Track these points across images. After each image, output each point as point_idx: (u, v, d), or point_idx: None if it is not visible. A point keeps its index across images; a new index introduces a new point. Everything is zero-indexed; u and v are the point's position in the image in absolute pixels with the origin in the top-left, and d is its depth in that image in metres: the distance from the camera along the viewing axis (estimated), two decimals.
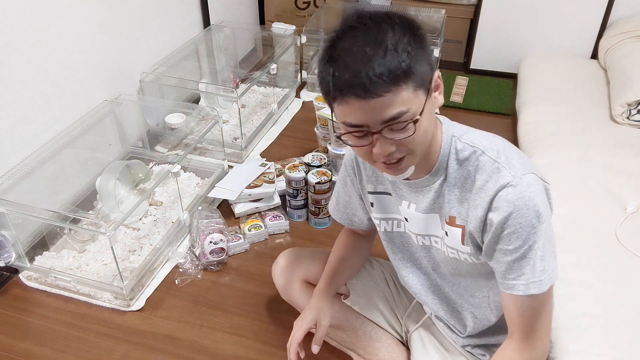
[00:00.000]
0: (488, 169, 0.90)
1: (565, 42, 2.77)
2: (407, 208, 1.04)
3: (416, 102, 0.82)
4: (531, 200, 0.86)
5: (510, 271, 0.91)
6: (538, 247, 0.88)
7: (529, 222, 0.87)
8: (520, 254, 0.89)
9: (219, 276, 1.66)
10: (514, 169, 0.88)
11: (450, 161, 0.95)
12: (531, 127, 2.13)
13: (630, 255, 1.45)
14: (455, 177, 0.95)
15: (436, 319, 1.20)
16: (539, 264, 0.88)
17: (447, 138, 0.95)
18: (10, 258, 1.56)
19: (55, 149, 1.72)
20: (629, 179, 1.74)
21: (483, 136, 0.95)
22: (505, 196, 0.87)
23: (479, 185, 0.91)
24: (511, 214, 0.87)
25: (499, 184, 0.88)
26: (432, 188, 0.98)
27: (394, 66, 0.78)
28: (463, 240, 0.97)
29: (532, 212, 0.86)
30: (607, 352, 1.19)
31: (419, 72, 0.81)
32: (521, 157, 0.92)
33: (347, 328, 1.28)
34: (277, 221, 1.82)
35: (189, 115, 2.09)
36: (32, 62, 1.63)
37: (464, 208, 0.95)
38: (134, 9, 2.07)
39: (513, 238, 0.88)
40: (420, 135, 0.86)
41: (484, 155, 0.91)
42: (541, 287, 0.89)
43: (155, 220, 1.82)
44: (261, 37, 3.11)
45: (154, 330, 1.48)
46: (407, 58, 0.79)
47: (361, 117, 0.82)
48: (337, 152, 1.91)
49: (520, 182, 0.87)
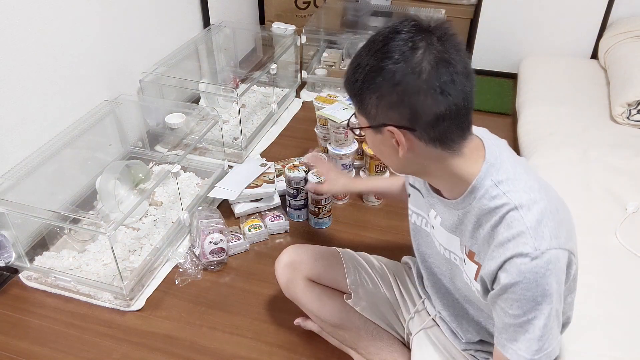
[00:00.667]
0: (514, 229, 0.85)
1: (565, 42, 2.77)
2: (434, 219, 1.04)
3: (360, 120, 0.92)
4: (544, 278, 0.83)
5: (505, 331, 0.90)
6: (538, 324, 0.85)
7: (533, 297, 0.84)
8: (518, 323, 0.87)
9: (219, 276, 1.66)
10: (539, 240, 0.83)
11: (480, 201, 0.90)
12: (531, 127, 2.13)
13: (630, 255, 1.45)
14: (482, 219, 0.90)
15: (440, 320, 1.20)
16: (536, 344, 0.86)
17: (483, 177, 0.89)
18: (10, 258, 1.56)
19: (55, 149, 1.72)
20: (629, 179, 1.74)
21: (526, 188, 0.88)
22: (518, 264, 0.83)
23: (500, 241, 0.86)
24: (518, 283, 0.84)
25: (518, 250, 0.83)
26: (457, 213, 0.95)
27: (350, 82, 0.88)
28: (476, 277, 0.95)
29: (541, 290, 0.83)
30: (607, 352, 1.19)
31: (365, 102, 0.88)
32: (556, 227, 0.86)
33: (349, 327, 1.28)
34: (277, 221, 1.82)
35: (189, 115, 2.09)
36: (32, 62, 1.63)
37: (484, 252, 0.91)
38: (134, 9, 2.07)
39: (515, 306, 0.86)
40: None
41: (516, 212, 0.85)
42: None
43: (155, 220, 1.82)
44: (261, 37, 3.11)
45: (154, 330, 1.48)
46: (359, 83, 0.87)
47: None
48: (337, 152, 1.91)
49: (540, 256, 0.82)
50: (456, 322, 1.15)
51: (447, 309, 1.16)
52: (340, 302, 1.27)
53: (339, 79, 2.71)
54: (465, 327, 1.13)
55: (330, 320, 1.28)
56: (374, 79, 0.84)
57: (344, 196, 1.96)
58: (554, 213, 0.87)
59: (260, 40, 3.12)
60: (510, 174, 0.90)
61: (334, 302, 1.28)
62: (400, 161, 0.92)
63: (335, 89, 2.70)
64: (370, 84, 0.85)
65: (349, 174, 1.96)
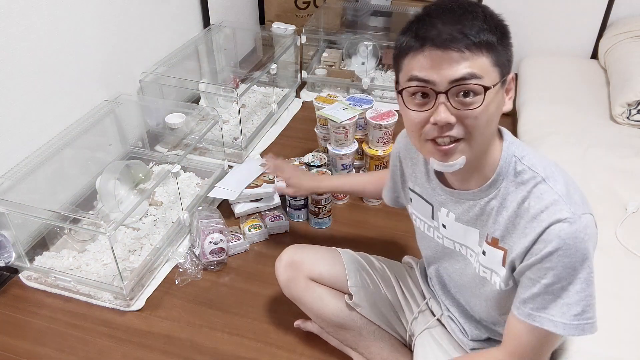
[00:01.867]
0: (546, 199, 0.84)
1: (565, 42, 2.77)
2: (447, 216, 1.01)
3: (491, 76, 0.81)
4: (583, 242, 0.82)
5: (532, 301, 0.87)
6: (574, 289, 0.83)
7: (571, 264, 0.82)
8: (550, 290, 0.85)
9: (219, 276, 1.66)
10: (574, 206, 0.83)
11: (506, 181, 0.89)
12: (531, 127, 2.13)
13: (630, 255, 1.45)
14: (507, 199, 0.90)
15: (448, 319, 1.19)
16: (573, 308, 0.84)
17: (508, 156, 0.90)
18: (10, 258, 1.56)
19: (55, 149, 1.72)
20: (629, 179, 1.74)
21: (545, 162, 0.90)
22: (557, 231, 0.82)
23: (533, 214, 0.85)
24: (557, 251, 0.82)
25: (555, 217, 0.82)
26: (478, 204, 0.93)
27: (481, 32, 0.79)
28: (504, 263, 0.93)
29: (580, 255, 0.82)
30: (607, 352, 1.19)
31: (501, 53, 0.81)
32: (582, 194, 0.87)
33: (350, 327, 1.28)
34: (277, 221, 1.82)
35: (189, 115, 2.09)
36: (32, 62, 1.63)
37: (511, 233, 0.89)
38: (134, 8, 2.07)
39: (550, 274, 0.84)
40: (484, 117, 0.81)
41: (544, 184, 0.86)
42: (569, 331, 0.85)
43: (155, 220, 1.82)
44: (261, 37, 3.11)
45: (153, 330, 1.48)
46: (494, 34, 0.80)
47: (431, 71, 0.80)
48: (337, 152, 1.91)
49: (578, 220, 0.82)
50: (464, 319, 1.14)
51: (456, 307, 1.16)
52: (342, 302, 1.27)
53: (339, 79, 2.71)
54: (474, 325, 1.13)
55: (331, 320, 1.28)
56: (507, 34, 0.83)
57: (344, 196, 1.96)
58: (574, 182, 0.89)
59: (260, 40, 3.12)
60: (527, 149, 0.91)
61: (335, 302, 1.27)
62: (496, 125, 0.88)
63: (335, 89, 2.70)
64: (505, 28, 0.83)
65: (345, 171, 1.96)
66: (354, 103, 1.99)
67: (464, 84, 0.79)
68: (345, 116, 1.87)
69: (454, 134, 0.83)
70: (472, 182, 0.94)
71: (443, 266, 1.14)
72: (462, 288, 1.11)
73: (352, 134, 1.91)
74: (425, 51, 0.80)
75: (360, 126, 2.01)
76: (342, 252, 1.34)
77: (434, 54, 0.79)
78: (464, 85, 0.79)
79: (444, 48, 0.78)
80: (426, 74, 0.81)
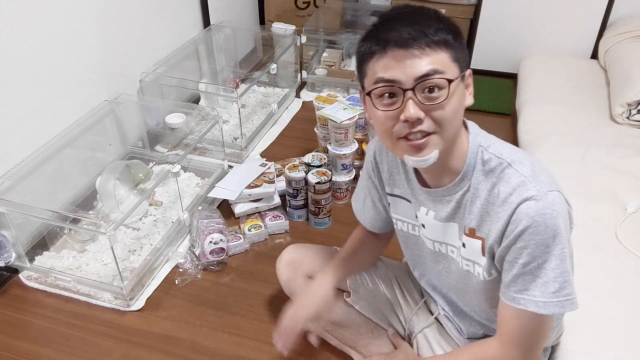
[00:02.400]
0: (513, 182, 0.88)
1: (565, 42, 2.77)
2: (426, 215, 1.03)
3: (452, 71, 0.85)
4: (552, 218, 0.84)
5: (514, 284, 0.89)
6: (550, 267, 0.86)
7: (543, 241, 0.85)
8: (528, 270, 0.87)
9: (219, 276, 1.66)
10: (540, 184, 0.86)
11: (475, 171, 0.93)
12: (531, 127, 2.13)
13: (630, 255, 1.45)
14: (479, 188, 0.92)
15: (445, 318, 1.20)
16: (552, 285, 0.86)
17: (474, 147, 0.93)
18: (10, 258, 1.56)
19: (55, 149, 1.72)
20: (629, 179, 1.74)
21: (511, 149, 0.93)
22: (525, 210, 0.85)
23: (503, 198, 0.88)
24: (527, 228, 0.85)
25: (522, 197, 0.85)
26: (454, 198, 0.96)
27: (438, 31, 0.83)
28: (484, 252, 0.95)
29: (550, 231, 0.84)
30: (607, 352, 1.19)
31: (458, 50, 0.86)
32: (549, 175, 0.90)
33: (349, 325, 1.28)
34: (277, 221, 1.82)
35: (189, 115, 2.09)
36: (32, 62, 1.63)
37: (485, 221, 0.93)
38: (134, 8, 2.07)
39: (525, 253, 0.86)
40: (451, 109, 0.85)
41: (510, 168, 0.89)
42: (549, 308, 0.87)
43: (155, 220, 1.82)
44: (261, 37, 3.11)
45: (154, 330, 1.48)
46: (450, 33, 0.84)
47: (396, 71, 0.83)
48: (337, 152, 1.91)
49: (545, 197, 0.85)
50: (459, 318, 1.15)
51: (449, 306, 1.17)
52: (341, 300, 1.27)
53: (339, 79, 2.71)
54: (469, 323, 1.14)
55: (330, 317, 1.28)
56: (461, 36, 0.87)
57: (344, 196, 1.96)
58: (541, 164, 0.92)
59: (260, 40, 3.12)
60: (493, 139, 0.95)
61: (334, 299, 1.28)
62: (461, 118, 0.91)
63: (335, 89, 2.70)
64: (458, 29, 0.87)
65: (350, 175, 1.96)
66: (354, 103, 1.99)
67: (429, 79, 0.83)
68: (345, 116, 1.87)
69: (424, 128, 0.86)
70: (445, 177, 0.96)
71: (428, 267, 1.15)
72: (451, 286, 1.12)
73: (352, 134, 1.91)
74: (388, 52, 0.84)
75: (360, 126, 2.01)
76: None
77: (397, 53, 0.83)
78: (429, 81, 0.83)
79: (406, 47, 0.82)
80: (392, 74, 0.84)
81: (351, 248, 1.27)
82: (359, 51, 0.90)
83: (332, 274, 1.20)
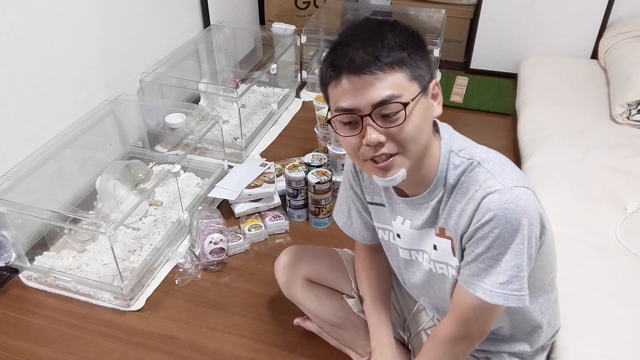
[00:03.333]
0: (480, 178, 0.88)
1: (565, 42, 2.77)
2: (402, 224, 1.03)
3: (409, 90, 0.83)
4: (514, 214, 0.84)
5: (468, 268, 0.91)
6: (504, 259, 0.86)
7: (501, 235, 0.85)
8: (482, 259, 0.88)
9: (219, 276, 1.66)
10: (505, 180, 0.86)
11: (448, 177, 0.93)
12: (531, 127, 2.13)
13: (630, 255, 1.45)
14: (450, 190, 0.93)
15: (437, 321, 1.20)
16: (502, 277, 0.87)
17: (445, 153, 0.93)
18: (10, 258, 1.56)
19: (55, 149, 1.72)
20: (629, 179, 1.74)
21: (484, 150, 0.93)
22: (489, 203, 0.85)
23: (470, 196, 0.89)
24: (489, 222, 0.85)
25: (486, 191, 0.86)
26: (430, 205, 0.96)
27: (391, 51, 0.81)
28: (454, 252, 0.96)
29: (510, 226, 0.84)
30: (607, 352, 1.19)
31: (415, 65, 0.84)
32: (520, 174, 0.90)
33: (348, 327, 1.28)
34: (277, 221, 1.82)
35: (189, 115, 2.09)
36: (32, 62, 1.63)
37: (452, 219, 0.93)
38: (134, 9, 2.07)
39: (483, 244, 0.87)
40: (411, 129, 0.84)
41: (479, 167, 0.89)
42: (494, 298, 0.88)
43: (155, 220, 1.82)
44: (261, 37, 3.11)
45: (154, 330, 1.48)
46: (404, 50, 0.82)
47: (352, 99, 0.83)
48: (337, 152, 1.91)
49: (509, 192, 0.84)
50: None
51: (436, 310, 1.17)
52: (339, 302, 1.27)
53: None
54: None
55: (329, 319, 1.29)
56: (419, 45, 0.86)
57: None
58: (514, 166, 0.92)
59: (260, 40, 3.12)
60: (466, 143, 0.95)
61: (332, 301, 1.28)
62: (428, 132, 0.90)
63: None
64: (418, 39, 0.86)
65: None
66: None
67: (385, 104, 0.82)
68: None
69: (386, 151, 0.86)
70: (420, 186, 0.96)
71: (406, 276, 1.14)
72: (429, 291, 1.11)
73: None
74: (342, 80, 0.83)
75: None
76: (341, 252, 1.34)
77: (351, 81, 0.82)
78: (385, 107, 0.82)
79: (358, 74, 0.81)
80: (349, 103, 0.84)
81: (372, 278, 1.21)
82: (319, 74, 0.90)
83: (386, 319, 1.18)
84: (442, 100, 0.92)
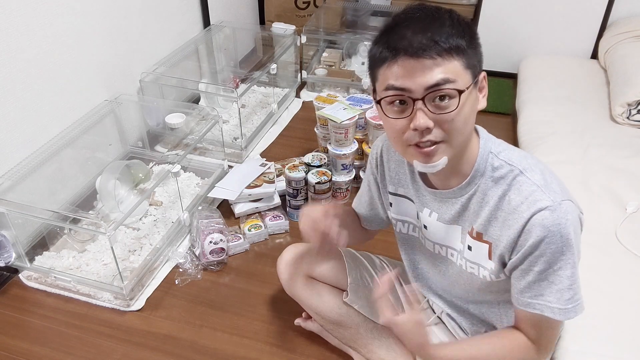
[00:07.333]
0: (525, 190, 0.88)
1: (565, 42, 2.77)
2: (429, 216, 1.03)
3: (464, 79, 0.83)
4: (565, 228, 0.85)
5: (528, 290, 0.91)
6: (565, 274, 0.87)
7: (558, 249, 0.86)
8: (543, 277, 0.88)
9: (219, 276, 1.66)
10: (553, 194, 0.87)
11: (484, 177, 0.93)
12: (531, 127, 2.13)
13: (630, 255, 1.45)
14: (488, 194, 0.93)
15: (447, 317, 1.20)
16: (567, 293, 0.88)
17: (484, 153, 0.93)
18: (10, 258, 1.56)
19: (55, 149, 1.72)
20: (629, 179, 1.74)
21: (521, 155, 0.93)
22: (540, 220, 0.85)
23: (514, 206, 0.89)
24: (543, 239, 0.86)
25: (536, 207, 0.86)
26: (460, 201, 0.96)
27: (450, 38, 0.81)
28: (490, 256, 0.96)
29: (565, 239, 0.85)
30: (608, 352, 1.19)
31: (471, 55, 0.84)
32: (560, 182, 0.90)
33: (349, 324, 1.28)
34: (277, 221, 1.82)
35: (189, 115, 2.09)
36: (32, 62, 1.63)
37: (493, 226, 0.93)
38: (134, 9, 2.07)
39: (541, 261, 0.88)
40: (461, 118, 0.84)
41: (522, 176, 0.89)
42: (566, 315, 0.89)
43: (155, 220, 1.82)
44: (261, 37, 3.11)
45: (154, 330, 1.48)
46: (462, 38, 0.82)
47: (406, 80, 0.83)
48: (337, 152, 1.91)
49: (558, 207, 0.85)
50: (461, 317, 1.15)
51: (449, 306, 1.17)
52: (341, 300, 1.28)
53: (339, 79, 2.71)
54: (470, 321, 1.14)
55: (329, 317, 1.29)
56: (475, 37, 0.86)
57: (344, 196, 1.96)
58: (551, 171, 0.92)
59: (260, 40, 3.12)
60: (504, 145, 0.95)
61: (334, 299, 1.28)
62: (472, 124, 0.90)
63: (335, 89, 2.70)
64: (473, 30, 0.86)
65: (350, 174, 1.96)
66: (354, 103, 1.99)
67: (439, 89, 0.82)
68: (345, 116, 1.87)
69: (433, 137, 0.85)
70: (452, 180, 0.96)
71: (425, 270, 1.15)
72: (449, 287, 1.12)
73: (352, 134, 1.91)
74: (398, 61, 0.83)
75: (360, 126, 2.01)
76: (343, 250, 1.34)
77: (407, 63, 0.82)
78: (439, 91, 0.82)
79: (416, 57, 0.81)
80: (402, 83, 0.83)
81: (348, 211, 1.27)
82: (370, 55, 0.89)
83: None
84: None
